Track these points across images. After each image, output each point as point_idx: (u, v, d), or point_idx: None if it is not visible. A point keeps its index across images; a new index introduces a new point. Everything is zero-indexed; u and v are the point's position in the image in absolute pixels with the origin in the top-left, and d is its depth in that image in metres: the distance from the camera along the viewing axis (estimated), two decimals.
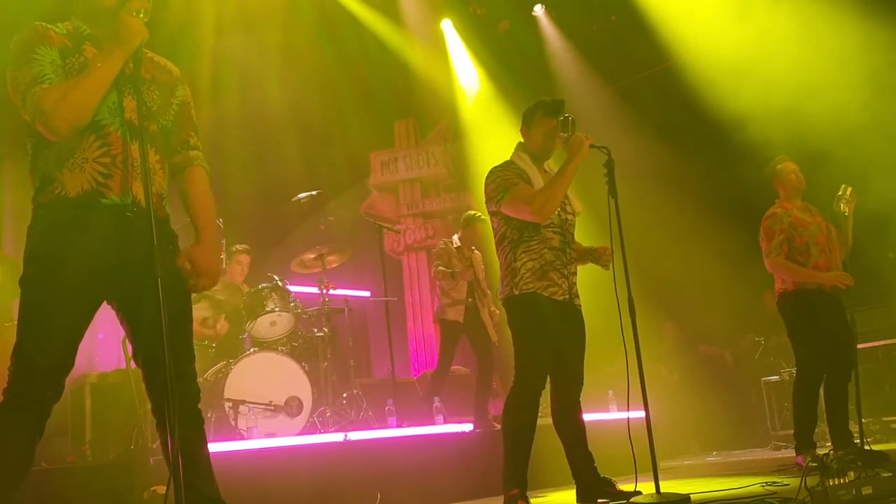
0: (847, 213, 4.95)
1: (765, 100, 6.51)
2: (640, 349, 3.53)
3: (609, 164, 3.73)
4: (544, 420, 3.99)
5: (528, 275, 3.79)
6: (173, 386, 2.27)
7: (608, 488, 3.83)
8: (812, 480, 2.93)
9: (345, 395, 6.27)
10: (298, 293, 6.36)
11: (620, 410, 6.19)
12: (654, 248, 7.27)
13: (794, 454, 4.99)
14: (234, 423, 5.06)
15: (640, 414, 3.58)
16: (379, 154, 10.32)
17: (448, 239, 6.56)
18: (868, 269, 5.89)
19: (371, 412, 6.17)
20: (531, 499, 3.73)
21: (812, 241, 4.93)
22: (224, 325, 6.00)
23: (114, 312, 2.64)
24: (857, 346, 5.12)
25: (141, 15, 2.48)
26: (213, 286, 2.69)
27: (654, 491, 3.44)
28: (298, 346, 6.10)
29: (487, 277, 6.49)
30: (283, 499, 4.23)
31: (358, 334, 8.52)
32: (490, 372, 6.38)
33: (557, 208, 3.83)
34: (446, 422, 5.95)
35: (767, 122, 6.34)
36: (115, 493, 3.88)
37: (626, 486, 3.79)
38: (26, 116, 2.44)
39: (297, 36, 8.26)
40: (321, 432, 5.38)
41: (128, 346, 4.80)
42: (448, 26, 9.58)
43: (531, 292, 3.77)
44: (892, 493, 3.02)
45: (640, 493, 3.61)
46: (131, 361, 4.69)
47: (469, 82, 9.59)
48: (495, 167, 3.94)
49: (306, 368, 5.61)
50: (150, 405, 2.63)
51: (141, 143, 2.47)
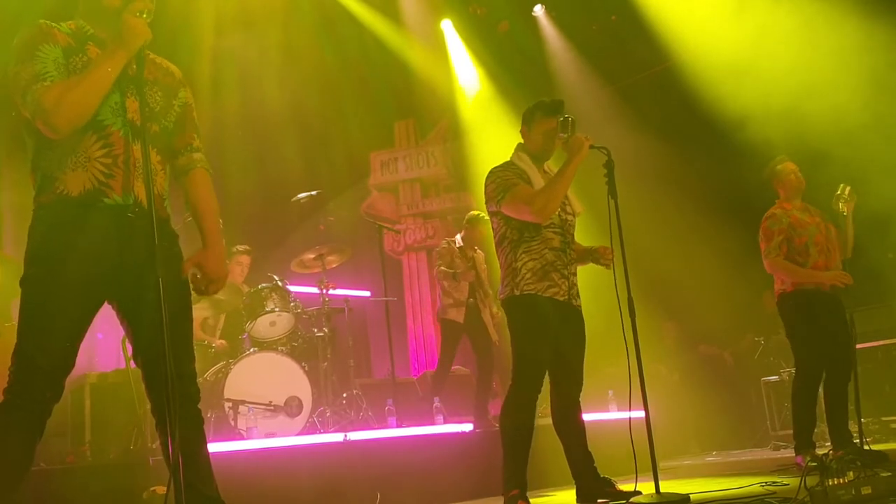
0: (846, 213, 4.95)
1: (765, 100, 6.51)
2: (640, 349, 3.53)
3: (609, 165, 3.73)
4: (544, 420, 3.99)
5: (528, 275, 3.78)
6: (174, 386, 2.27)
7: (608, 488, 3.83)
8: (811, 480, 2.93)
9: (345, 395, 6.26)
10: (298, 293, 6.35)
11: (620, 410, 6.20)
12: (654, 248, 7.27)
13: (794, 454, 4.99)
14: (233, 424, 5.05)
15: (641, 414, 3.58)
16: (379, 154, 10.31)
17: (451, 238, 6.55)
18: (868, 269, 5.89)
19: (371, 412, 6.17)
20: (531, 499, 3.73)
21: (811, 241, 4.93)
22: (223, 343, 6.00)
23: (113, 313, 2.64)
24: (857, 346, 5.13)
25: (144, 15, 2.48)
26: (221, 289, 2.70)
27: (654, 491, 3.44)
28: (298, 346, 6.10)
29: (490, 277, 6.49)
30: (282, 499, 4.23)
31: (358, 334, 8.51)
32: (490, 372, 6.38)
33: (558, 209, 3.83)
34: (446, 422, 5.95)
35: (767, 121, 6.34)
36: (114, 493, 3.87)
37: (626, 486, 3.79)
38: (26, 113, 2.44)
39: (297, 36, 8.25)
40: (321, 432, 5.38)
41: (128, 346, 4.82)
42: (448, 26, 9.58)
43: (531, 293, 3.77)
44: (891, 493, 3.03)
45: (639, 493, 3.61)
46: (131, 361, 4.69)
47: (469, 82, 9.58)
48: (495, 167, 3.94)
49: (306, 368, 5.61)
50: (149, 405, 2.63)
51: (143, 144, 2.47)
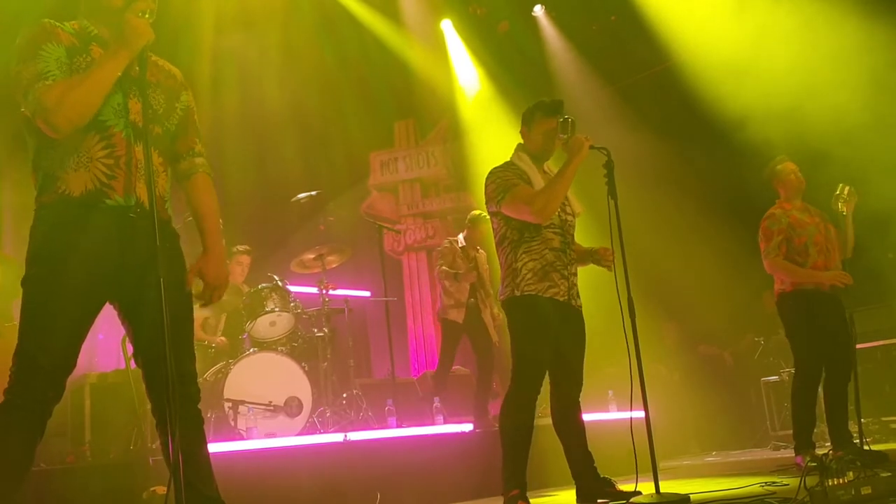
0: (845, 213, 4.95)
1: (765, 100, 6.51)
2: (640, 349, 3.53)
3: (609, 165, 3.73)
4: (544, 420, 3.99)
5: (529, 276, 3.78)
6: (174, 386, 2.28)
7: (608, 488, 3.83)
8: (811, 480, 2.93)
9: (344, 395, 6.26)
10: (298, 293, 6.35)
11: (620, 410, 6.20)
12: (654, 248, 7.27)
13: (794, 454, 4.99)
14: (233, 424, 5.05)
15: (641, 414, 3.58)
16: (379, 154, 10.31)
17: (453, 238, 6.54)
18: (868, 269, 5.89)
19: (371, 412, 6.17)
20: (531, 499, 3.73)
21: (810, 241, 4.93)
22: (223, 340, 6.01)
23: (114, 313, 2.64)
24: (857, 346, 5.13)
25: (147, 16, 2.48)
26: (224, 294, 2.72)
27: (654, 491, 3.44)
28: (298, 347, 6.10)
29: (491, 278, 6.49)
30: (282, 499, 4.23)
31: (358, 334, 8.51)
32: (490, 372, 6.38)
33: (558, 209, 3.83)
34: (446, 422, 5.95)
35: (767, 121, 6.34)
36: (114, 493, 3.87)
37: (626, 486, 3.79)
38: (28, 112, 2.44)
39: (296, 36, 8.25)
40: (321, 432, 5.37)
41: (128, 346, 4.82)
42: (448, 26, 9.57)
43: (532, 294, 3.77)
44: (891, 493, 3.03)
45: (640, 493, 3.61)
46: (131, 361, 4.69)
47: (469, 82, 9.58)
48: (495, 168, 3.94)
49: (306, 368, 5.61)
50: (149, 405, 2.63)
51: (145, 146, 2.48)
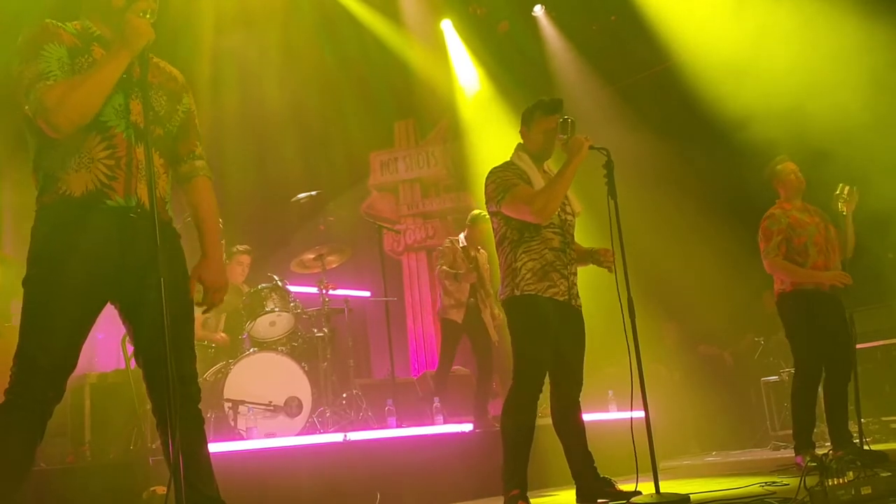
0: (845, 213, 4.95)
1: (765, 99, 6.51)
2: (640, 349, 3.53)
3: (608, 166, 3.73)
4: (544, 420, 3.99)
5: (528, 275, 3.78)
6: (175, 386, 2.28)
7: (608, 488, 3.83)
8: (811, 480, 2.93)
9: (344, 395, 6.26)
10: (298, 293, 6.35)
11: (620, 410, 6.20)
12: (654, 248, 7.27)
13: (794, 454, 4.99)
14: (233, 424, 5.05)
15: (640, 414, 3.58)
16: (379, 154, 10.31)
17: (454, 238, 6.53)
18: (868, 269, 5.89)
19: (371, 412, 6.17)
20: (531, 499, 3.73)
21: (810, 241, 4.93)
22: (224, 337, 6.00)
23: (114, 312, 2.65)
24: (857, 346, 5.13)
25: (147, 16, 2.48)
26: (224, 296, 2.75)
27: (654, 491, 3.44)
28: (298, 347, 6.10)
29: (492, 278, 6.48)
30: (282, 499, 4.23)
31: (358, 334, 8.51)
32: (490, 372, 6.38)
33: (558, 209, 3.83)
34: (446, 422, 5.95)
35: (767, 121, 6.34)
36: (114, 493, 3.87)
37: (626, 486, 3.79)
38: (29, 112, 2.45)
39: (296, 36, 8.25)
40: (321, 432, 5.37)
41: (127, 346, 4.83)
42: (448, 26, 9.57)
43: (531, 294, 3.77)
44: (891, 493, 3.03)
45: (640, 493, 3.61)
46: (131, 361, 4.69)
47: (469, 82, 9.58)
48: (495, 167, 3.94)
49: (306, 369, 5.61)
50: (150, 405, 2.63)
51: (146, 147, 2.48)
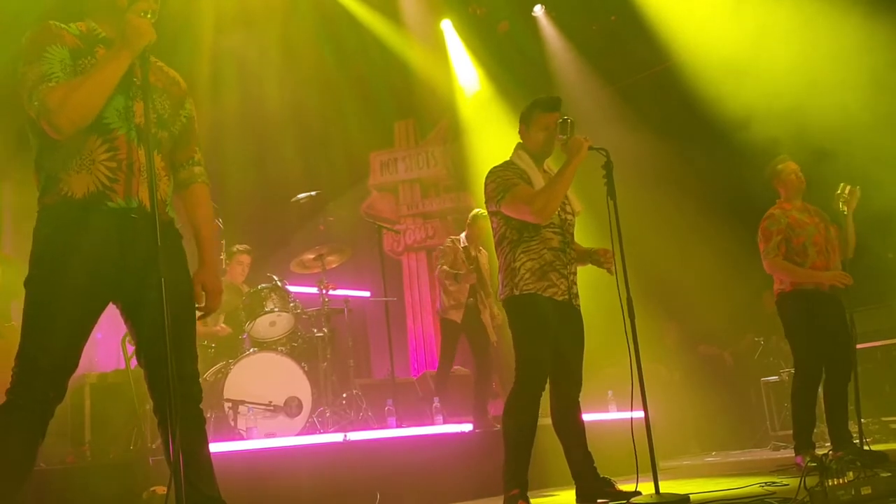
0: (846, 212, 4.95)
1: (765, 99, 6.52)
2: (640, 349, 3.53)
3: (608, 166, 3.72)
4: (544, 420, 3.99)
5: (527, 275, 3.78)
6: (175, 386, 2.28)
7: (608, 488, 3.83)
8: (811, 481, 2.93)
9: (344, 395, 6.26)
10: (298, 293, 6.35)
11: (620, 410, 6.19)
12: (653, 248, 7.27)
13: (794, 454, 4.99)
14: (233, 424, 5.05)
15: (640, 414, 3.58)
16: (378, 154, 10.31)
17: (455, 237, 6.52)
18: (868, 269, 5.89)
19: (371, 412, 6.17)
20: (531, 499, 3.73)
21: (809, 241, 4.93)
22: (225, 328, 6.00)
23: (113, 312, 2.65)
24: (857, 346, 5.13)
25: (149, 16, 2.48)
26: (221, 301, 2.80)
27: (654, 491, 3.44)
28: (298, 347, 6.10)
29: (492, 278, 6.47)
30: (282, 499, 4.23)
31: (357, 334, 8.51)
32: (488, 372, 6.38)
33: (558, 209, 3.83)
34: (446, 422, 5.95)
35: (768, 121, 6.34)
36: (114, 493, 3.87)
37: (626, 487, 3.79)
38: (32, 113, 2.45)
39: (296, 36, 8.25)
40: (321, 432, 5.37)
41: (127, 345, 4.83)
42: (448, 26, 9.57)
43: (531, 293, 3.77)
44: (891, 494, 3.03)
45: (640, 493, 3.61)
46: (131, 361, 4.69)
47: (469, 82, 9.58)
48: (495, 167, 3.94)
49: (306, 369, 5.61)
50: (150, 405, 2.64)
51: (147, 149, 2.48)
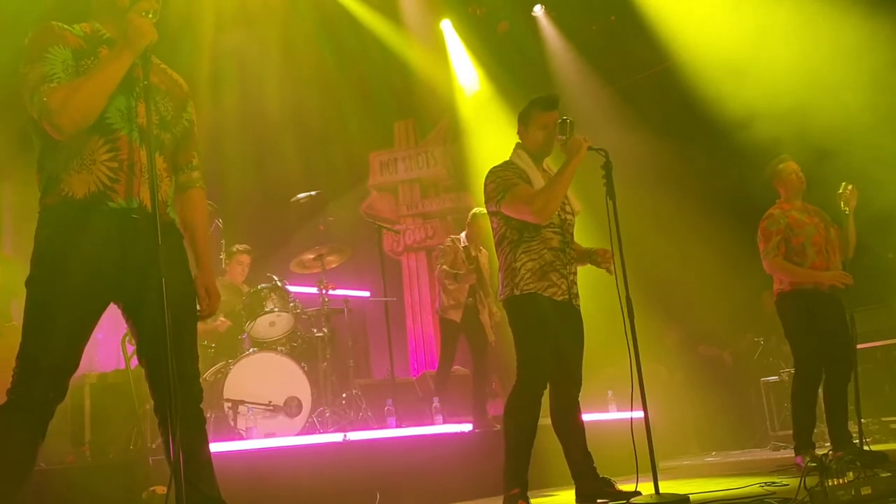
0: (847, 211, 4.95)
1: (765, 99, 6.52)
2: (640, 349, 3.53)
3: (607, 167, 3.72)
4: (544, 420, 4.00)
5: (528, 275, 3.78)
6: (176, 385, 2.28)
7: (607, 488, 3.83)
8: (811, 481, 2.93)
9: (344, 395, 6.26)
10: (298, 293, 6.35)
11: (620, 411, 6.19)
12: (653, 248, 7.27)
13: (794, 454, 4.99)
14: (233, 424, 5.05)
15: (640, 414, 3.58)
16: (378, 154, 10.31)
17: (455, 237, 6.51)
18: (868, 269, 5.89)
19: (370, 412, 6.17)
20: (531, 499, 3.73)
21: (808, 241, 4.93)
22: (225, 321, 6.00)
23: (114, 312, 2.65)
24: (857, 346, 5.13)
25: (150, 15, 2.48)
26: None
27: (654, 491, 3.44)
28: (298, 347, 6.10)
29: (491, 277, 6.46)
30: (282, 499, 4.23)
31: (357, 334, 8.51)
32: (486, 372, 6.38)
33: (558, 209, 3.83)
34: (446, 422, 5.95)
35: (768, 121, 6.34)
36: (114, 493, 3.87)
37: (626, 487, 3.79)
38: (33, 113, 2.45)
39: (296, 36, 8.25)
40: (320, 432, 5.37)
41: (127, 345, 4.83)
42: (447, 26, 9.57)
43: (531, 293, 3.77)
44: (890, 494, 3.03)
45: (639, 493, 3.61)
46: (131, 361, 4.69)
47: (468, 82, 9.58)
48: (495, 167, 3.94)
49: (305, 369, 5.61)
50: (151, 404, 2.64)
51: (148, 149, 2.49)
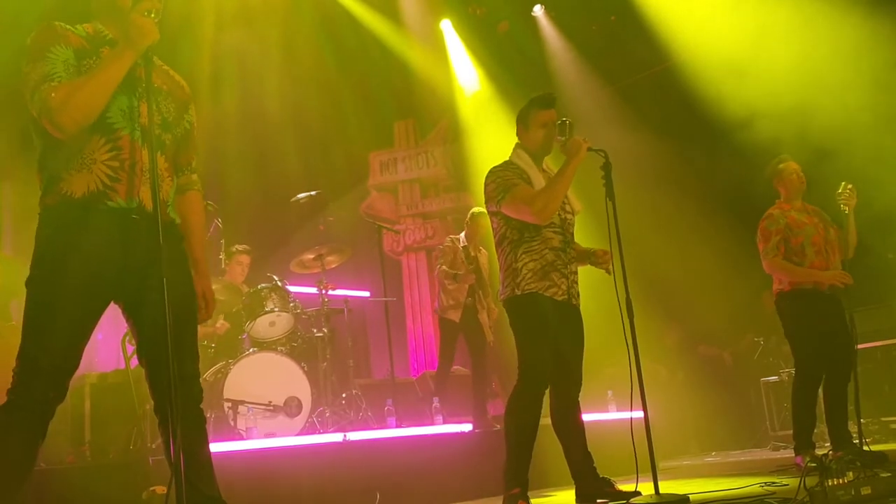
0: (847, 211, 4.95)
1: (765, 99, 6.52)
2: (640, 350, 3.53)
3: (606, 167, 3.72)
4: (544, 420, 4.00)
5: (529, 275, 3.78)
6: (176, 385, 2.28)
7: (607, 488, 3.83)
8: (811, 481, 2.93)
9: (344, 395, 6.26)
10: (298, 293, 6.35)
11: (620, 410, 6.19)
12: (653, 248, 7.27)
13: (793, 454, 4.99)
14: (233, 424, 5.06)
15: (640, 414, 3.58)
16: (378, 154, 10.31)
17: (455, 237, 6.51)
18: (868, 269, 5.89)
19: (370, 412, 6.17)
20: (531, 499, 3.73)
21: (807, 241, 4.93)
22: (224, 324, 6.00)
23: (115, 312, 2.66)
24: (857, 346, 5.13)
25: (152, 15, 2.49)
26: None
27: (654, 491, 3.44)
28: (298, 347, 6.10)
29: (490, 277, 6.46)
30: (282, 499, 4.23)
31: (357, 334, 8.51)
32: (485, 372, 6.38)
33: (558, 209, 3.83)
34: (446, 422, 5.95)
35: (768, 121, 6.35)
36: (114, 493, 3.87)
37: (626, 487, 3.79)
38: (34, 112, 2.46)
39: (296, 36, 8.25)
40: (320, 432, 5.38)
41: (127, 345, 4.83)
42: (447, 26, 9.57)
43: (532, 292, 3.77)
44: (890, 494, 3.03)
45: (639, 493, 3.61)
46: (131, 361, 4.69)
47: (468, 82, 9.58)
48: (495, 167, 3.94)
49: (305, 369, 5.61)
50: (151, 405, 2.64)
51: (149, 149, 2.49)
